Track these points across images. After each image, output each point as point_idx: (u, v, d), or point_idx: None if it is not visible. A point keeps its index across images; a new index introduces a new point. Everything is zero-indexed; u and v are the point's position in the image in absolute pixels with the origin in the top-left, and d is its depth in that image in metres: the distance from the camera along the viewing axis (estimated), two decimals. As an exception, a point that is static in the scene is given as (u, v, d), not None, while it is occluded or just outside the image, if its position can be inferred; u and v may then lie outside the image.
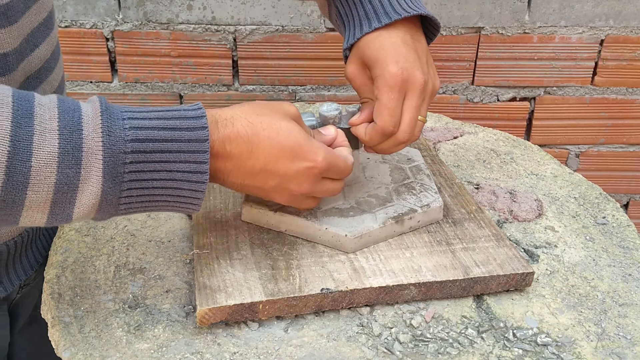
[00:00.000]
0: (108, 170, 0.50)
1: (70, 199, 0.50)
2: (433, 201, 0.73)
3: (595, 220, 0.79)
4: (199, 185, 0.54)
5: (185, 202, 0.56)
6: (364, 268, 0.65)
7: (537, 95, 1.34)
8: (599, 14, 1.26)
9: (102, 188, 0.50)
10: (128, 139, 0.51)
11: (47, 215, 0.51)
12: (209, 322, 0.60)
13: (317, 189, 0.62)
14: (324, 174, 0.61)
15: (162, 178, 0.53)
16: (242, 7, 1.24)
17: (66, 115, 0.50)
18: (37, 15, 0.66)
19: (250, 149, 0.57)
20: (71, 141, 0.49)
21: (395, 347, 0.60)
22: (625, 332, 0.62)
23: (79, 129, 0.50)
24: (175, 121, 0.53)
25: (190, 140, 0.53)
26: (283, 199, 0.62)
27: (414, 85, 0.65)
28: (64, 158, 0.49)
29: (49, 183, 0.49)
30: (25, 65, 0.64)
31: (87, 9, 1.23)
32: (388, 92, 0.65)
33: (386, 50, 0.66)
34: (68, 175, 0.49)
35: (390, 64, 0.65)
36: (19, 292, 0.75)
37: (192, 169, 0.54)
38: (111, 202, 0.52)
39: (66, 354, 0.58)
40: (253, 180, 0.59)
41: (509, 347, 0.60)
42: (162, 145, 0.52)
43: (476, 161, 0.91)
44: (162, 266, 0.68)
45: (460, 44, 1.29)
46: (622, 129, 1.38)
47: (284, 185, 0.60)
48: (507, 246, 0.69)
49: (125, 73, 1.30)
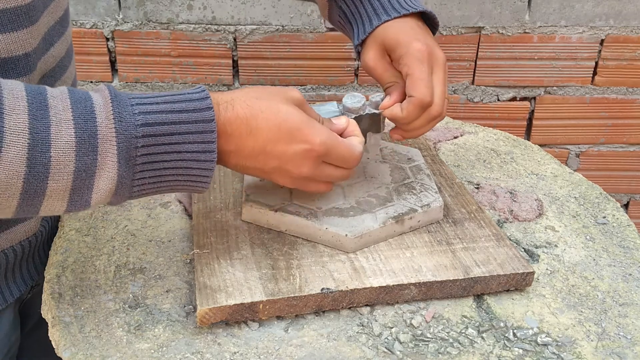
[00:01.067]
0: (122, 155, 0.52)
1: (88, 185, 0.52)
2: (433, 201, 0.73)
3: (596, 220, 0.79)
4: (207, 164, 0.56)
5: (194, 182, 0.57)
6: (364, 268, 0.65)
7: (537, 95, 1.34)
8: (599, 13, 1.26)
9: (117, 172, 0.52)
10: (138, 123, 0.52)
11: (67, 203, 0.52)
12: (209, 322, 0.60)
13: (317, 173, 0.62)
14: (323, 158, 0.61)
15: (173, 159, 0.55)
16: (242, 7, 1.24)
17: (79, 104, 0.51)
18: (54, 14, 0.67)
19: (249, 131, 0.58)
20: (87, 129, 0.50)
21: (396, 347, 0.60)
22: (625, 332, 0.62)
23: (93, 117, 0.51)
24: (182, 104, 0.55)
25: (197, 121, 0.55)
26: (285, 181, 0.62)
27: (438, 60, 0.69)
28: (81, 146, 0.50)
29: (69, 171, 0.50)
30: (42, 63, 0.65)
31: (87, 9, 1.23)
32: (419, 65, 0.67)
33: (406, 32, 0.69)
34: (86, 162, 0.51)
35: (414, 41, 0.68)
36: (29, 292, 0.75)
37: (201, 148, 0.55)
38: (126, 185, 0.53)
39: (66, 354, 0.58)
40: (253, 162, 0.60)
41: (509, 346, 0.60)
42: (171, 127, 0.54)
43: (476, 161, 0.91)
44: (163, 266, 0.68)
45: (461, 44, 1.29)
46: (622, 129, 1.38)
47: (283, 167, 0.60)
48: (508, 246, 0.69)
49: (125, 73, 1.30)
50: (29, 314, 0.77)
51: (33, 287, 0.75)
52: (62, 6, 0.69)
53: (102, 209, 0.77)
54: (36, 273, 0.74)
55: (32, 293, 0.76)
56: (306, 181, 0.63)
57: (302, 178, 0.62)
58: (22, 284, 0.72)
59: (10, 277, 0.70)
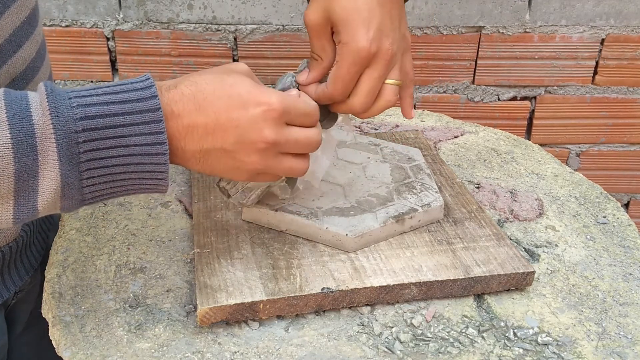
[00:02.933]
0: (63, 152, 0.49)
1: (32, 186, 0.50)
2: (434, 200, 0.73)
3: (596, 220, 0.78)
4: (160, 157, 0.53)
5: (150, 179, 0.54)
6: (364, 267, 0.65)
7: (537, 95, 1.34)
8: (600, 13, 1.26)
9: (60, 171, 0.50)
10: (77, 117, 0.50)
11: (13, 207, 0.50)
12: (210, 321, 0.60)
13: (283, 138, 0.57)
14: (284, 117, 0.57)
15: (120, 154, 0.51)
16: (243, 7, 1.24)
17: (13, 105, 0.49)
18: (19, 14, 0.64)
19: (197, 106, 0.54)
20: (22, 129, 0.48)
21: (396, 347, 0.60)
22: (625, 332, 0.62)
23: (29, 115, 0.49)
24: (124, 94, 0.52)
25: (142, 111, 0.52)
26: (254, 158, 0.57)
27: (380, 57, 0.62)
28: (18, 147, 0.48)
29: (9, 174, 0.48)
30: (8, 67, 0.63)
31: (87, 9, 1.23)
32: (349, 64, 0.62)
33: (359, 12, 0.61)
34: (26, 163, 0.49)
35: (361, 32, 0.61)
36: (14, 297, 0.74)
37: (150, 140, 0.52)
38: (74, 187, 0.51)
39: (67, 354, 0.58)
40: (212, 141, 0.55)
41: (509, 346, 0.60)
42: (114, 119, 0.51)
43: (477, 160, 0.91)
44: (163, 265, 0.68)
45: (461, 43, 1.29)
46: (622, 128, 1.38)
47: (244, 137, 0.55)
48: (508, 245, 0.69)
49: (125, 72, 1.30)
50: (16, 319, 0.76)
51: (17, 293, 0.74)
52: (28, 5, 0.66)
53: (102, 209, 0.77)
54: (19, 278, 0.73)
55: (17, 298, 0.75)
56: (276, 155, 0.58)
57: (269, 149, 0.56)
58: (5, 290, 0.71)
59: None
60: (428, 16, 1.25)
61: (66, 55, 1.28)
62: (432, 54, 1.29)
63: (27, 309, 0.77)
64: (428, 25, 1.26)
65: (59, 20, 1.24)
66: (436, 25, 1.27)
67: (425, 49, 1.29)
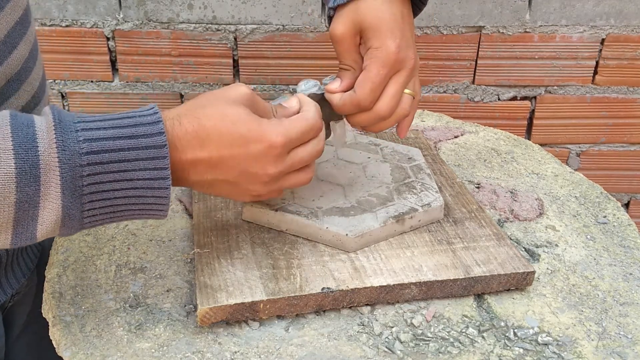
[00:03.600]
0: (66, 185, 0.49)
1: (32, 216, 0.50)
2: (434, 200, 0.73)
3: (596, 220, 0.78)
4: (162, 192, 0.53)
5: (150, 209, 0.55)
6: (364, 267, 0.65)
7: (537, 95, 1.34)
8: (600, 13, 1.26)
9: (62, 203, 0.50)
10: (83, 151, 0.50)
11: (11, 235, 0.50)
12: (210, 321, 0.60)
13: (286, 166, 0.59)
14: (286, 149, 0.58)
15: (123, 188, 0.52)
16: (243, 7, 1.24)
17: (20, 132, 0.49)
18: (13, 15, 0.64)
19: (201, 143, 0.55)
20: (28, 159, 0.48)
21: (396, 347, 0.60)
22: (626, 332, 0.62)
23: (35, 145, 0.49)
24: (131, 129, 0.52)
25: (148, 147, 0.52)
26: (259, 188, 0.59)
27: (405, 65, 0.65)
28: (22, 177, 0.48)
29: (9, 203, 0.48)
30: (4, 69, 0.63)
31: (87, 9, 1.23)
32: (380, 66, 0.63)
33: (387, 22, 0.64)
34: (28, 193, 0.48)
35: (390, 39, 0.63)
36: (11, 300, 0.74)
37: (153, 175, 0.53)
38: (74, 217, 0.51)
39: (67, 353, 0.58)
40: (216, 174, 0.57)
41: (509, 346, 0.60)
42: (119, 154, 0.51)
43: (477, 160, 0.91)
44: (163, 265, 0.68)
45: (461, 43, 1.29)
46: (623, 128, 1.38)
47: (248, 172, 0.57)
48: (508, 245, 0.69)
49: (126, 72, 1.30)
50: (13, 321, 0.76)
51: (14, 296, 0.74)
52: (21, 5, 0.66)
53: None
54: (15, 281, 0.73)
55: (14, 301, 0.75)
56: (279, 180, 0.60)
57: (273, 179, 0.59)
58: (2, 293, 0.71)
59: None
60: (428, 16, 1.25)
61: (66, 55, 1.28)
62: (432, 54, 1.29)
63: (24, 311, 0.77)
64: (428, 25, 1.26)
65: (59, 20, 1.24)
66: (436, 25, 1.27)
67: (425, 48, 1.29)
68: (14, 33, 0.64)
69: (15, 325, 0.76)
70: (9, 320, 0.74)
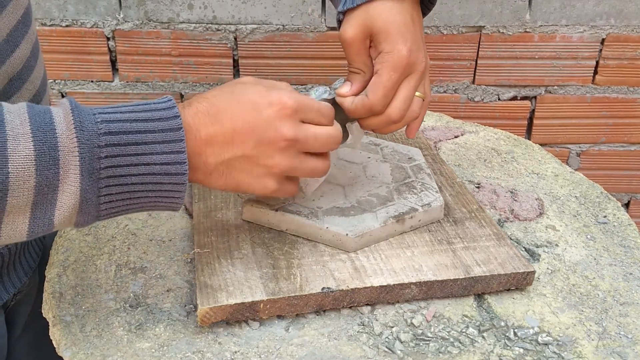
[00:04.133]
0: (85, 166, 0.49)
1: (50, 200, 0.49)
2: (434, 200, 0.73)
3: (596, 220, 0.78)
4: (179, 178, 0.53)
5: (167, 197, 0.54)
6: (364, 267, 0.65)
7: (538, 95, 1.34)
8: (600, 12, 1.26)
9: (80, 186, 0.50)
10: (101, 132, 0.50)
11: (29, 219, 0.50)
12: (210, 321, 0.60)
13: (302, 134, 0.58)
14: (299, 114, 0.58)
15: (140, 173, 0.52)
16: (243, 7, 1.24)
17: (37, 117, 0.49)
18: (15, 14, 0.64)
19: (212, 119, 0.56)
20: (46, 142, 0.48)
21: (396, 346, 0.60)
22: (626, 331, 0.62)
23: (52, 128, 0.49)
24: (147, 113, 0.53)
25: (164, 130, 0.52)
26: (278, 159, 0.57)
27: (416, 68, 0.65)
28: (41, 160, 0.48)
29: (29, 187, 0.48)
30: (7, 67, 0.63)
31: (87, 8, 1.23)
32: (391, 71, 0.64)
33: (398, 25, 0.64)
34: (47, 176, 0.48)
35: (401, 43, 0.64)
36: (12, 299, 0.74)
37: (170, 159, 0.52)
38: (91, 202, 0.51)
39: (67, 353, 0.58)
40: (233, 149, 0.56)
41: (509, 346, 0.60)
42: (136, 136, 0.51)
43: (477, 160, 0.91)
44: (163, 265, 0.68)
45: (461, 43, 1.29)
46: (623, 128, 1.38)
47: (264, 139, 0.56)
48: (508, 245, 0.69)
49: (126, 72, 1.30)
50: (15, 321, 0.76)
51: (16, 295, 0.74)
52: (22, 4, 0.66)
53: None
54: (18, 280, 0.73)
55: (16, 300, 0.75)
56: (298, 154, 0.59)
57: (290, 146, 0.57)
58: (4, 292, 0.71)
59: None
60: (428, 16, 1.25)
61: (66, 55, 1.28)
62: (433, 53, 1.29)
63: (26, 311, 0.77)
64: (428, 25, 1.26)
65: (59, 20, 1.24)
66: (436, 25, 1.27)
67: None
68: (15, 32, 0.64)
69: (17, 325, 0.76)
70: (10, 320, 0.75)
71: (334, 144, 0.61)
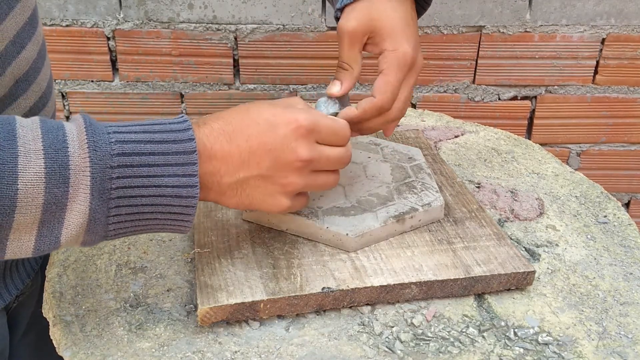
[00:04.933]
0: (96, 186, 0.49)
1: (58, 218, 0.49)
2: (434, 200, 0.73)
3: (597, 219, 0.78)
4: (189, 201, 0.53)
5: (175, 220, 0.54)
6: (365, 267, 0.65)
7: (538, 94, 1.34)
8: (600, 12, 1.26)
9: (89, 206, 0.49)
10: (114, 152, 0.49)
11: (35, 237, 0.49)
12: (210, 321, 0.60)
13: (316, 154, 0.58)
14: (314, 134, 0.58)
15: (151, 194, 0.51)
16: (243, 6, 1.24)
17: (50, 134, 0.49)
18: (22, 15, 0.64)
19: (228, 138, 0.55)
20: (57, 160, 0.48)
21: (397, 346, 0.60)
22: (626, 331, 0.62)
23: (65, 146, 0.48)
24: (162, 134, 0.52)
25: (177, 152, 0.52)
26: (292, 179, 0.57)
27: (416, 67, 0.66)
28: (51, 178, 0.48)
29: (37, 204, 0.48)
30: (13, 68, 0.63)
31: (88, 8, 1.23)
32: (397, 71, 0.64)
33: (401, 26, 0.64)
34: (56, 194, 0.48)
35: (405, 42, 0.64)
36: (15, 301, 0.74)
37: (182, 182, 0.52)
38: (99, 222, 0.51)
39: (67, 353, 0.58)
40: (248, 169, 0.56)
41: (510, 346, 0.60)
42: (149, 158, 0.51)
43: (477, 160, 0.91)
44: (164, 265, 0.68)
45: (461, 43, 1.29)
46: (623, 128, 1.38)
47: (280, 159, 0.56)
48: (508, 245, 0.69)
49: (126, 72, 1.30)
50: (17, 323, 0.76)
51: (18, 297, 0.74)
52: (29, 6, 0.66)
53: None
54: (20, 282, 0.73)
55: (18, 302, 0.75)
56: (311, 172, 0.59)
57: (305, 167, 0.57)
58: (7, 294, 0.71)
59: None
60: (428, 16, 1.25)
61: (67, 55, 1.28)
62: (433, 53, 1.30)
63: (28, 312, 0.77)
64: (428, 24, 1.26)
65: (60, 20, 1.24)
66: (437, 25, 1.27)
67: (425, 48, 1.29)
68: (22, 33, 0.64)
69: (19, 326, 0.76)
70: (13, 322, 0.74)
71: (344, 164, 0.62)
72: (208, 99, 1.33)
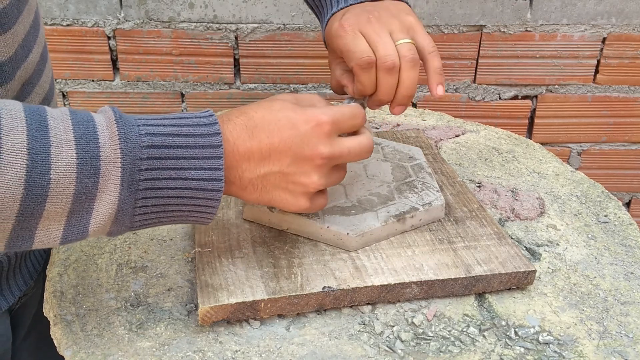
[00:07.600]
0: (125, 177, 0.50)
1: (87, 208, 0.49)
2: (435, 199, 0.73)
3: (597, 219, 0.78)
4: (214, 194, 0.54)
5: (199, 212, 0.55)
6: (365, 266, 0.65)
7: (538, 94, 1.34)
8: (601, 11, 1.26)
9: (119, 197, 0.50)
10: (144, 145, 0.50)
11: (64, 226, 0.50)
12: (211, 320, 0.60)
13: (337, 150, 0.58)
14: (335, 129, 0.58)
15: (177, 186, 0.52)
16: (244, 6, 1.24)
17: (80, 125, 0.49)
18: (28, 18, 0.64)
19: (250, 133, 0.56)
20: (88, 150, 0.48)
21: (397, 346, 0.60)
22: (627, 331, 0.62)
23: (95, 137, 0.49)
24: (189, 128, 0.53)
25: (204, 146, 0.53)
26: (313, 177, 0.58)
27: (370, 17, 0.67)
28: (82, 168, 0.48)
29: (68, 194, 0.48)
30: (21, 72, 0.63)
31: (88, 8, 1.23)
32: (341, 38, 0.67)
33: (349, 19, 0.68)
34: (87, 184, 0.48)
35: (335, 23, 0.68)
36: (18, 302, 0.74)
37: (207, 176, 0.53)
38: (127, 213, 0.51)
39: (68, 353, 0.58)
40: (269, 165, 0.57)
41: (510, 345, 0.60)
42: (177, 151, 0.52)
43: (478, 159, 0.91)
44: (164, 264, 0.68)
45: (462, 42, 1.29)
46: (624, 127, 1.38)
47: (300, 157, 0.57)
48: (509, 244, 0.69)
49: (126, 72, 1.30)
50: (20, 323, 0.76)
51: (21, 298, 0.74)
52: (33, 8, 0.66)
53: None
54: (23, 283, 0.73)
55: (21, 303, 0.75)
56: (331, 169, 0.60)
57: (326, 164, 0.58)
58: (10, 295, 0.71)
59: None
60: (429, 15, 1.25)
61: (67, 55, 1.28)
62: (433, 52, 1.29)
63: (30, 314, 0.77)
64: (429, 24, 1.26)
65: (60, 20, 1.24)
66: (437, 24, 1.27)
67: (426, 48, 1.28)
68: (29, 36, 0.64)
69: (22, 327, 0.76)
70: (15, 323, 0.75)
71: (367, 153, 0.61)
72: (209, 99, 1.33)
